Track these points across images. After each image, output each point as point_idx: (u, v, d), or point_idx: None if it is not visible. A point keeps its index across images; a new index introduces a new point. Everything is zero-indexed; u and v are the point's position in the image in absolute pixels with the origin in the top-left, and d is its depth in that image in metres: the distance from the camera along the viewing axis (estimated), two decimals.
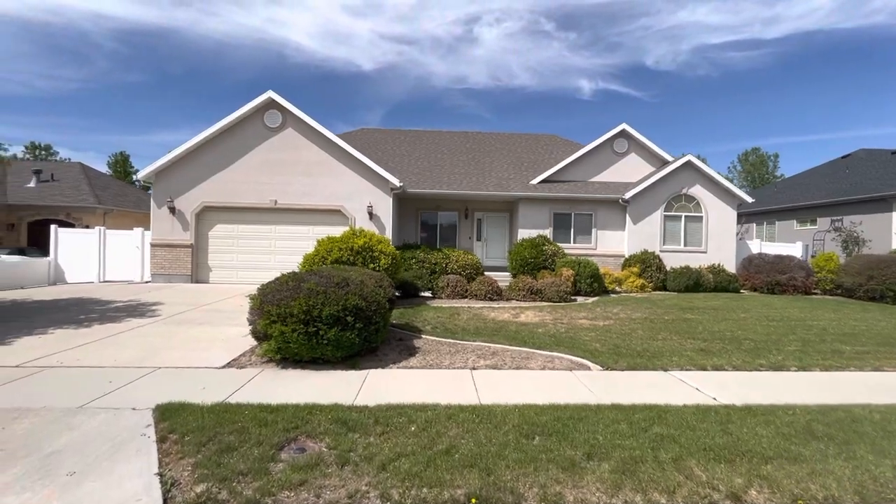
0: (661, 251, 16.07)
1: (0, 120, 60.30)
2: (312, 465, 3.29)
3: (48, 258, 14.97)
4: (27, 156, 41.17)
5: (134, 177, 44.55)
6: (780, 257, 15.50)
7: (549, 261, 14.72)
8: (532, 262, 14.64)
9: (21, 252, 17.63)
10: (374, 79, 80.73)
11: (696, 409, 4.51)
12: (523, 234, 16.21)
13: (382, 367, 5.92)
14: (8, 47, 61.00)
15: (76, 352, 6.36)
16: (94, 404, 4.47)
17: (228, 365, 5.87)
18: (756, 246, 17.58)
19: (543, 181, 17.03)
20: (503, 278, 14.29)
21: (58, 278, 14.84)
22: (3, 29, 58.68)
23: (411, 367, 5.98)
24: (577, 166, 17.37)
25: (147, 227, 14.91)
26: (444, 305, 11.07)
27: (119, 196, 24.91)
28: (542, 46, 75.42)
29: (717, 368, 6.20)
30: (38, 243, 19.59)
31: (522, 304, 11.78)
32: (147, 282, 14.49)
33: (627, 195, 15.97)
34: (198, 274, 14.43)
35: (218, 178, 14.40)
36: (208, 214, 14.53)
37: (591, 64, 78.69)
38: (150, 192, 15.42)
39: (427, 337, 7.61)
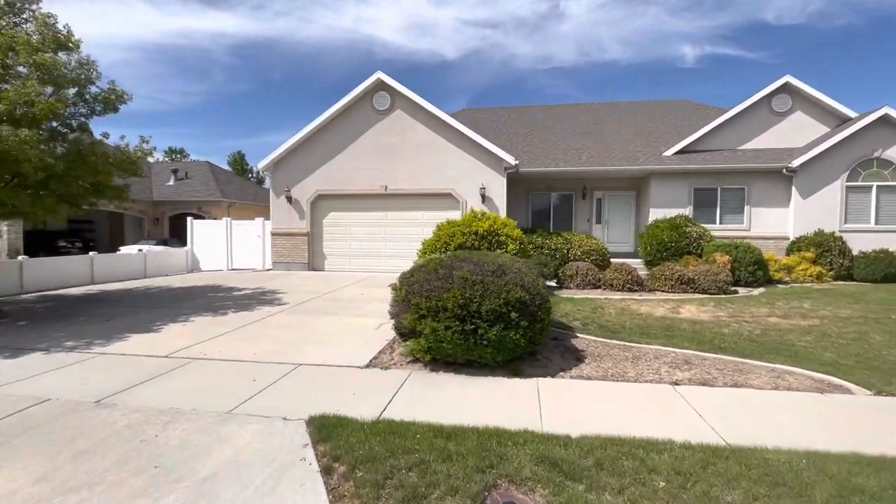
0: (841, 231, 12.82)
1: (147, 133, 70.08)
2: None
3: (186, 248, 16.25)
4: (166, 158, 46.94)
5: (250, 174, 48.69)
6: None
7: (694, 244, 12.43)
8: (672, 247, 12.47)
9: (164, 243, 19.70)
10: (458, 66, 79.11)
11: None
12: (655, 214, 13.97)
13: (551, 376, 4.75)
14: (153, 72, 70.64)
15: (217, 342, 6.12)
16: (242, 409, 3.91)
17: (371, 364, 5.12)
18: None
19: (679, 152, 14.53)
20: (635, 266, 12.33)
21: (194, 266, 16.03)
22: (146, 55, 67.97)
23: (587, 378, 4.73)
24: (720, 133, 14.54)
25: (266, 218, 15.45)
26: (577, 297, 9.63)
27: (240, 190, 26.91)
28: (637, 14, 67.42)
29: None
30: (177, 235, 21.80)
31: (672, 295, 9.89)
32: (268, 269, 15.02)
33: (795, 163, 12.92)
34: (314, 262, 14.57)
35: (329, 165, 14.32)
36: (322, 202, 14.56)
37: (695, 27, 68.64)
38: (264, 185, 15.92)
39: (584, 336, 6.29)
